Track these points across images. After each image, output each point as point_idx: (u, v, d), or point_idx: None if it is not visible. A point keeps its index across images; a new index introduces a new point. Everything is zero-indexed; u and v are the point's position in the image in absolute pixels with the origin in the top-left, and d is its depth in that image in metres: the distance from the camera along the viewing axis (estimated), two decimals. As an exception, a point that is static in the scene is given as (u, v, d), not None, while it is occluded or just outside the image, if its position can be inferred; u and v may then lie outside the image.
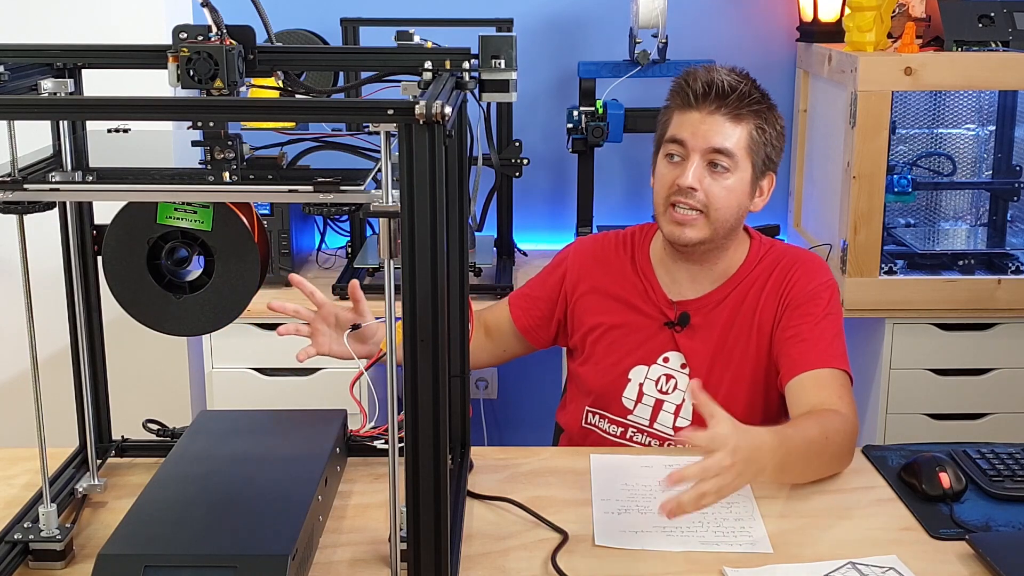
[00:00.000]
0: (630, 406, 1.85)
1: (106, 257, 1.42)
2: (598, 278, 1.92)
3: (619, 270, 1.91)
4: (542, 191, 3.17)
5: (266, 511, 1.35)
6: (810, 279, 1.81)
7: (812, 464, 1.58)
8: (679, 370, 1.84)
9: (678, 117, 1.78)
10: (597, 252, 1.94)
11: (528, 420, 3.23)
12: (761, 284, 1.83)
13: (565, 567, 1.38)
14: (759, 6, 3.10)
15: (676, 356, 1.85)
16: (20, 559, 1.36)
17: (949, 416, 2.69)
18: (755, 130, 1.76)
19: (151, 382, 2.73)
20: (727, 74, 1.77)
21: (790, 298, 1.79)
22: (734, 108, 1.75)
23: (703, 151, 1.75)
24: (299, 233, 2.87)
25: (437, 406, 1.16)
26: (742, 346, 1.81)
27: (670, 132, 1.79)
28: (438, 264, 1.12)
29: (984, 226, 2.90)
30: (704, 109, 1.75)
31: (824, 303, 1.78)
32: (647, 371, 1.85)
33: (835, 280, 1.84)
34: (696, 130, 1.75)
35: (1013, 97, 2.78)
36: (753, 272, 1.84)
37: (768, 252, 1.86)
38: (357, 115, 1.40)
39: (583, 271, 1.93)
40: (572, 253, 1.98)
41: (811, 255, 1.88)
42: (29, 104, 1.22)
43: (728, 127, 1.75)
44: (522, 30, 2.93)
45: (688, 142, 1.75)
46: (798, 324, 1.77)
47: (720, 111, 1.75)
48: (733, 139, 1.75)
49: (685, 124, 1.77)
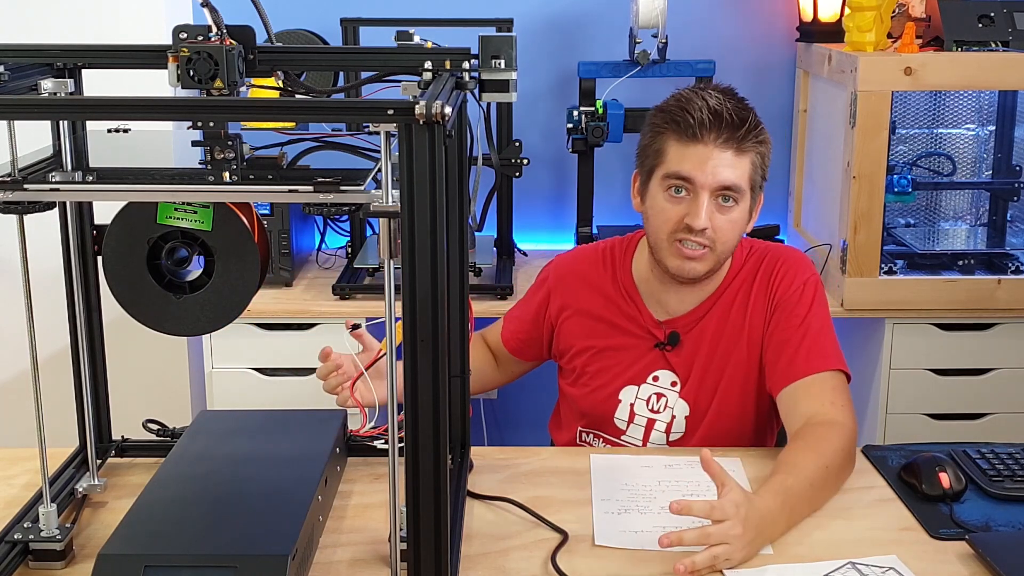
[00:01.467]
0: (623, 427, 1.84)
1: (106, 257, 1.42)
2: (582, 300, 1.88)
3: (602, 291, 1.87)
4: (542, 191, 3.17)
5: (266, 511, 1.35)
6: (793, 278, 1.79)
7: (817, 500, 1.54)
8: (669, 388, 1.82)
9: (678, 148, 1.70)
10: (578, 272, 1.91)
11: (528, 420, 3.23)
12: (747, 289, 1.81)
13: (565, 567, 1.38)
14: (759, 6, 3.10)
15: (666, 374, 1.83)
16: (20, 559, 1.36)
17: (949, 416, 2.69)
18: (756, 157, 1.72)
19: (151, 382, 2.73)
20: (728, 100, 1.69)
21: (776, 299, 1.78)
22: (741, 140, 1.68)
23: (712, 188, 1.68)
24: (299, 233, 2.87)
25: (437, 406, 1.16)
26: (734, 354, 1.80)
27: (673, 167, 1.70)
28: (438, 264, 1.12)
29: (984, 226, 2.90)
30: (710, 142, 1.67)
31: (808, 301, 1.76)
32: (637, 391, 1.83)
33: (818, 275, 1.82)
34: (704, 167, 1.67)
35: (1013, 97, 2.78)
36: (737, 278, 1.82)
37: (749, 255, 1.84)
38: (357, 115, 1.40)
39: (566, 293, 1.90)
40: (552, 274, 1.94)
41: (791, 251, 1.86)
42: (29, 104, 1.22)
43: (735, 161, 1.68)
44: (522, 30, 2.93)
45: (696, 179, 1.67)
46: (784, 328, 1.75)
47: (728, 145, 1.68)
48: (739, 172, 1.69)
49: (690, 159, 1.68)
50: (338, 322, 2.63)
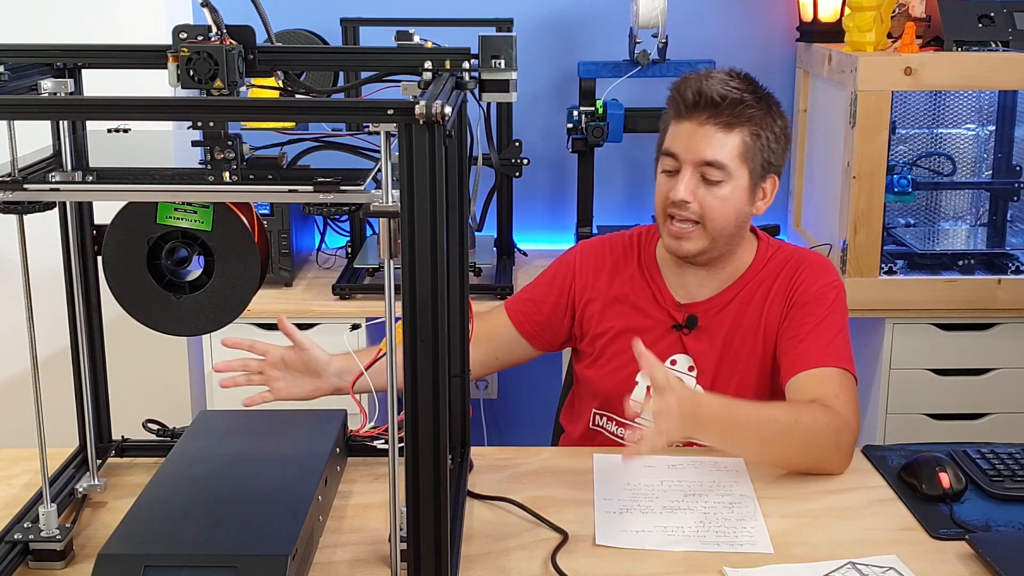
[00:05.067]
0: (638, 409, 1.84)
1: (106, 257, 1.42)
2: (607, 283, 1.91)
3: (627, 274, 1.90)
4: (542, 191, 3.17)
5: (266, 511, 1.35)
6: (816, 279, 1.80)
7: (775, 444, 1.58)
8: (686, 372, 1.84)
9: (673, 127, 1.78)
10: (605, 256, 1.93)
11: (528, 420, 3.23)
12: (768, 285, 1.83)
13: (565, 567, 1.38)
14: (759, 6, 3.10)
15: (683, 359, 1.84)
16: (20, 559, 1.36)
17: (949, 416, 2.69)
18: (749, 136, 1.74)
19: (151, 382, 2.73)
20: (720, 81, 1.75)
21: (795, 298, 1.80)
22: (726, 117, 1.73)
23: (694, 164, 1.74)
24: (299, 233, 2.87)
25: (437, 406, 1.16)
26: (749, 347, 1.81)
27: (666, 144, 1.78)
28: (438, 264, 1.12)
29: (984, 226, 2.90)
30: (695, 119, 1.74)
31: (828, 303, 1.78)
32: None
33: (841, 281, 1.84)
34: (687, 143, 1.74)
35: (1013, 97, 2.78)
36: (761, 274, 1.84)
37: (776, 253, 1.86)
38: (357, 115, 1.40)
39: (592, 277, 1.92)
40: (579, 258, 1.96)
41: (818, 256, 1.88)
42: (29, 104, 1.22)
43: (719, 137, 1.73)
44: (522, 30, 2.93)
45: (680, 155, 1.75)
46: (800, 324, 1.77)
47: (711, 121, 1.73)
48: (725, 150, 1.73)
49: (678, 136, 1.76)
50: (338, 322, 2.64)
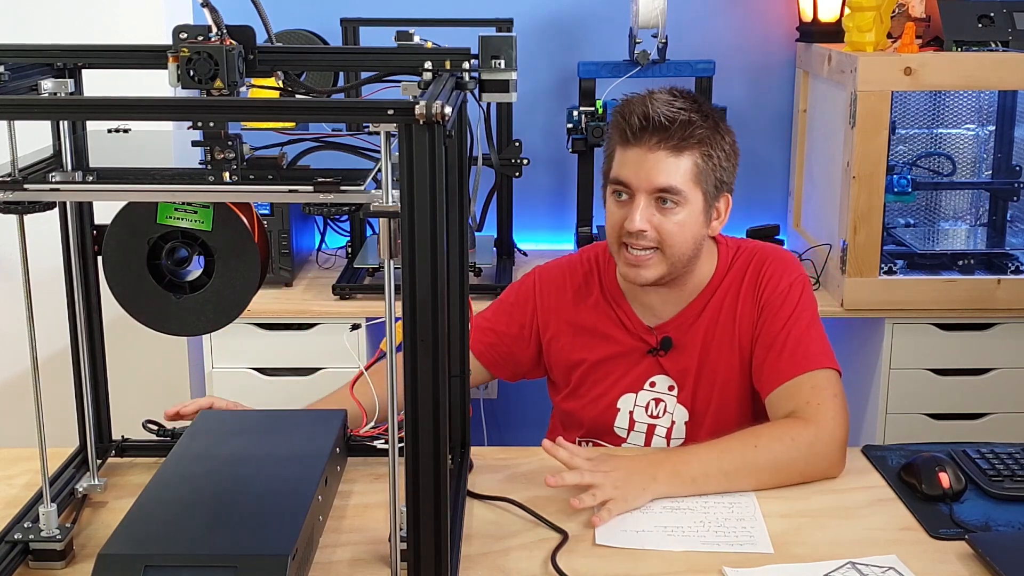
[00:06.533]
0: (623, 435, 1.83)
1: (106, 257, 1.42)
2: (570, 312, 1.86)
3: (590, 302, 1.86)
4: (542, 191, 3.17)
5: (266, 511, 1.35)
6: (779, 279, 1.78)
7: (741, 474, 1.56)
8: (667, 392, 1.82)
9: (619, 154, 1.72)
10: (564, 284, 1.88)
11: (528, 420, 3.23)
12: (736, 290, 1.80)
13: (565, 567, 1.38)
14: (759, 6, 3.10)
15: (662, 379, 1.82)
16: (20, 559, 1.36)
17: (949, 416, 2.69)
18: (700, 158, 1.70)
19: (151, 382, 2.73)
20: (665, 103, 1.69)
21: (763, 300, 1.77)
22: (675, 141, 1.68)
23: (648, 191, 1.69)
24: (299, 233, 2.87)
25: (437, 406, 1.16)
26: (726, 356, 1.79)
27: (614, 171, 1.73)
28: (438, 264, 1.12)
29: (984, 226, 2.90)
30: (644, 145, 1.69)
31: (794, 301, 1.76)
32: (635, 398, 1.83)
33: (805, 274, 1.81)
34: (638, 170, 1.69)
35: (1013, 97, 2.78)
36: (726, 280, 1.81)
37: (737, 255, 1.83)
38: (357, 115, 1.40)
39: (554, 306, 1.87)
40: (538, 287, 1.89)
41: (778, 252, 1.85)
42: (29, 104, 1.22)
43: (670, 162, 1.68)
44: (522, 30, 2.93)
45: (631, 183, 1.70)
46: (770, 330, 1.75)
47: (660, 146, 1.68)
48: (678, 174, 1.69)
49: (627, 163, 1.71)
50: (338, 322, 2.64)
